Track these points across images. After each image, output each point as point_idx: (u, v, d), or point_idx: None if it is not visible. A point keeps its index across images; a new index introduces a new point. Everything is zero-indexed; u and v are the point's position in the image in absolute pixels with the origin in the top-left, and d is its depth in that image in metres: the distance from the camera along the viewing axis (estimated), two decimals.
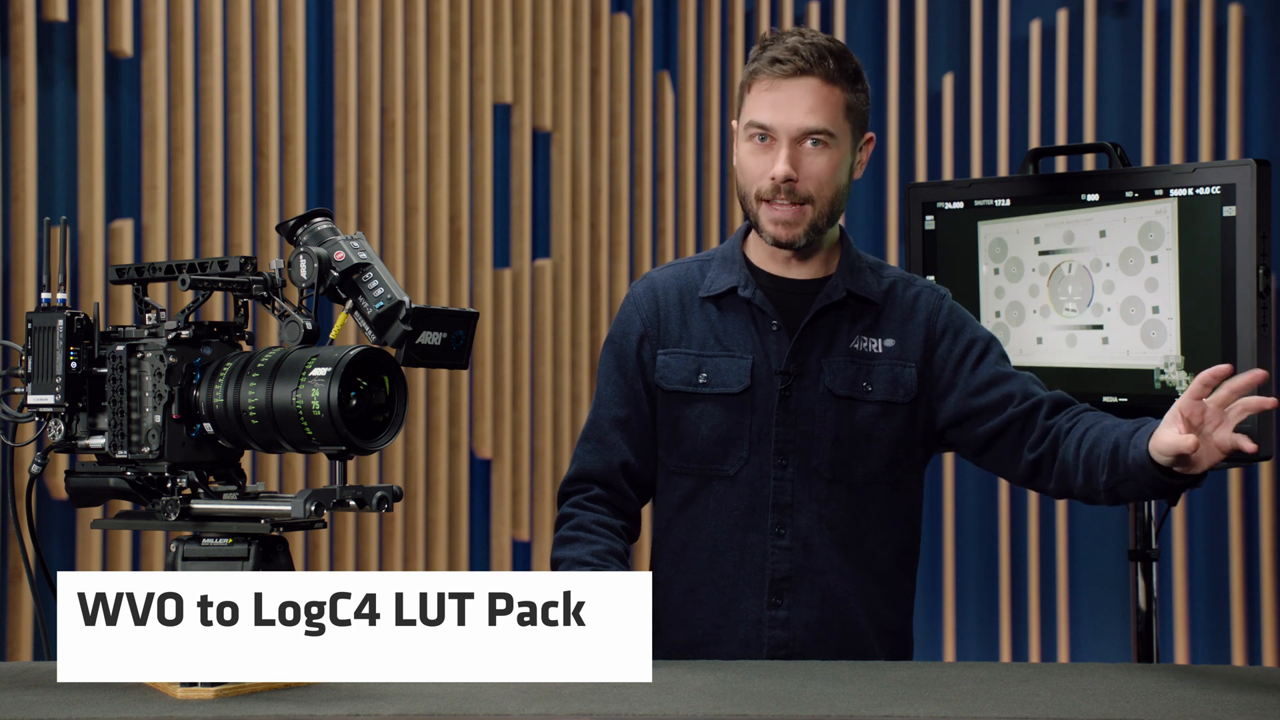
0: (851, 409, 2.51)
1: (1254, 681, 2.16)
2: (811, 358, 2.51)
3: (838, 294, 2.53)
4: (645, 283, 2.62)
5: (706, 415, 2.52)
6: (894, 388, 2.52)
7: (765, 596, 2.49)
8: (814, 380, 2.51)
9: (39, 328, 2.09)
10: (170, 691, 1.98)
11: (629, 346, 2.57)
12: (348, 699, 1.95)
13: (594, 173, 4.87)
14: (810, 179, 2.48)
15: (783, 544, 2.49)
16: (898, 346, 2.54)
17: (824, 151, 2.48)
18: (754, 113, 2.49)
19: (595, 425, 2.58)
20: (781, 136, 2.46)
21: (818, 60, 2.47)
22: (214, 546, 2.03)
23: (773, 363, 2.51)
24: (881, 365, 2.52)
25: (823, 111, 2.47)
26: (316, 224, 2.06)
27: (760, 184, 2.49)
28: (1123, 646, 4.64)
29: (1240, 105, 4.69)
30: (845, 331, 2.53)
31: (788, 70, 2.47)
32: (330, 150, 4.45)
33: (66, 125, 4.04)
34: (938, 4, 4.95)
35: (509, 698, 1.96)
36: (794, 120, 2.46)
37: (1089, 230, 2.85)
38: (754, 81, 2.50)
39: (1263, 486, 4.68)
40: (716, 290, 2.56)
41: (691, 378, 2.53)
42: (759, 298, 2.53)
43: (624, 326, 2.59)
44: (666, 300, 2.58)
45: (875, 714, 1.91)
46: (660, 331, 2.56)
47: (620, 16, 4.91)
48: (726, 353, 2.53)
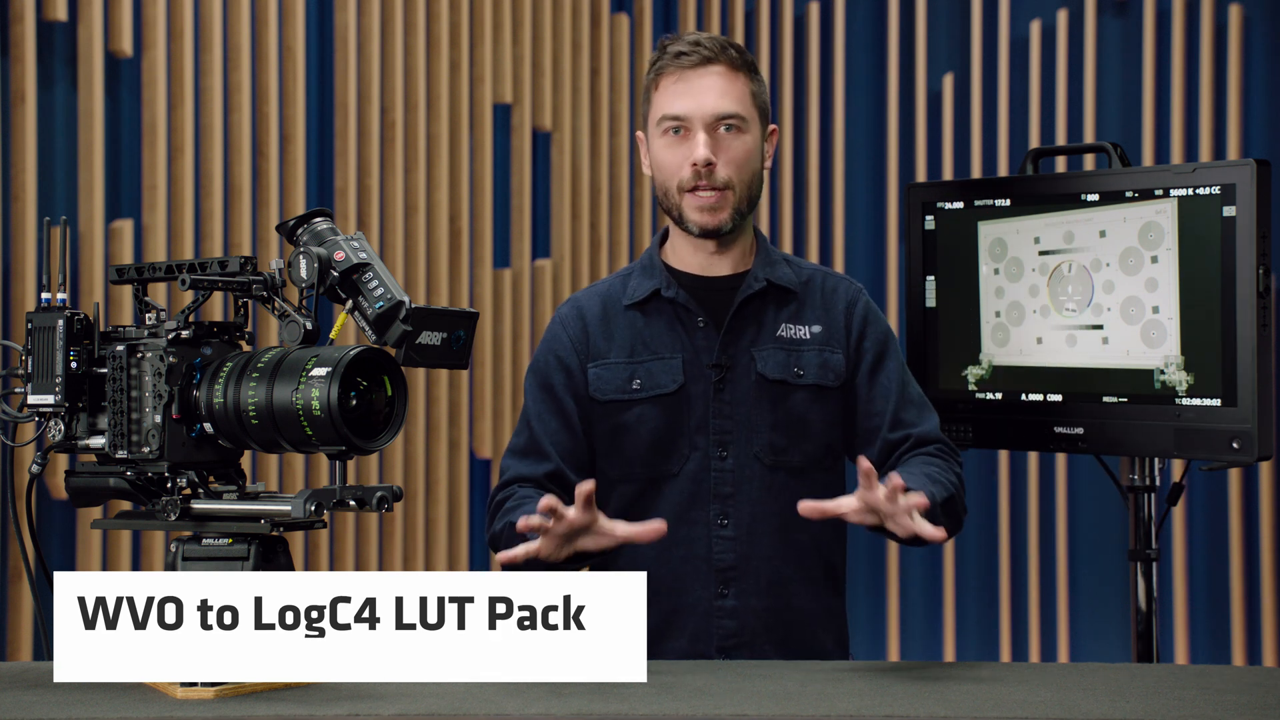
0: (785, 394, 2.54)
1: (1254, 681, 2.16)
2: (741, 347, 2.55)
3: (758, 284, 2.57)
4: (569, 304, 2.66)
5: (645, 418, 2.54)
6: (824, 372, 2.57)
7: (713, 587, 2.52)
8: (746, 370, 2.55)
9: (39, 328, 2.09)
10: (170, 691, 1.98)
11: (552, 363, 2.59)
12: (348, 699, 1.95)
13: (594, 173, 4.87)
14: (729, 164, 2.52)
15: (726, 534, 2.52)
16: (824, 333, 2.59)
17: (738, 136, 2.53)
18: (665, 106, 2.54)
19: (526, 440, 2.58)
20: (696, 124, 2.51)
21: (720, 50, 2.54)
22: (214, 546, 2.03)
23: (702, 358, 2.55)
24: (810, 350, 2.57)
25: (732, 94, 2.52)
26: (316, 224, 2.06)
27: (681, 174, 2.53)
28: (1123, 646, 4.64)
29: (1240, 105, 4.69)
30: (771, 319, 2.57)
31: (694, 60, 2.53)
32: (330, 150, 4.45)
33: (66, 125, 4.04)
34: (938, 4, 4.95)
35: (509, 698, 1.96)
36: (706, 106, 2.51)
37: (1089, 230, 2.85)
38: (660, 79, 2.56)
39: (1263, 486, 4.68)
40: (639, 296, 2.59)
41: (625, 385, 2.56)
42: (682, 296, 2.57)
43: (549, 345, 2.61)
44: (591, 315, 2.61)
45: (875, 714, 1.91)
46: (588, 347, 2.59)
47: (620, 16, 4.91)
48: (655, 355, 2.56)
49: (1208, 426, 2.70)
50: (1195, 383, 2.72)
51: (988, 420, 3.00)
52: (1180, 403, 2.74)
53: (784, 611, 2.54)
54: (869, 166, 4.98)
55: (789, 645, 2.54)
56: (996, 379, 2.99)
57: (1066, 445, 2.90)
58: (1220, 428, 2.68)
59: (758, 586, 2.53)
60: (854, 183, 4.99)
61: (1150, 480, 2.90)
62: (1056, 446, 2.91)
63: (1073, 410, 2.88)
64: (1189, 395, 2.73)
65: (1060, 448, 2.91)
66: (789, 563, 2.55)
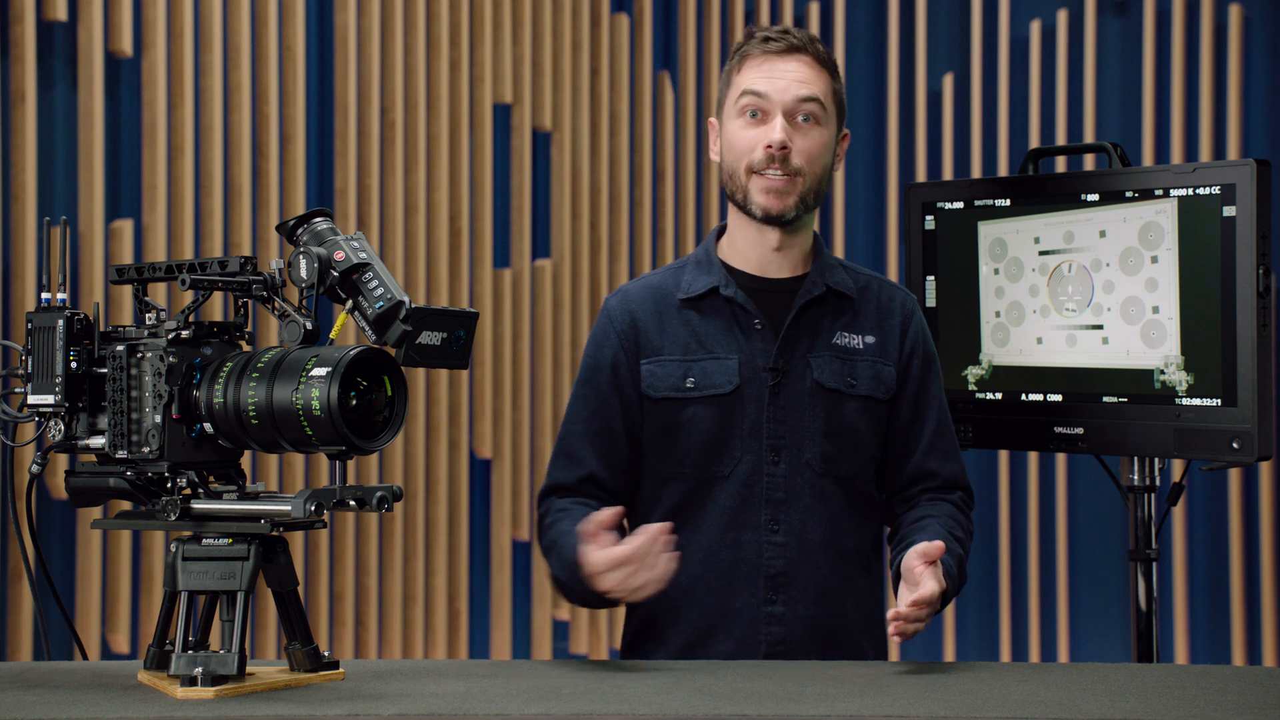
0: (838, 403, 2.53)
1: (1254, 681, 2.16)
2: (798, 353, 2.53)
3: (818, 289, 2.55)
4: (618, 296, 2.62)
5: (698, 418, 2.52)
6: (876, 384, 2.56)
7: (761, 593, 2.50)
8: (801, 375, 2.52)
9: (39, 328, 2.09)
10: (170, 691, 1.98)
11: (602, 360, 2.57)
12: (348, 699, 1.95)
13: (594, 173, 4.87)
14: (802, 152, 2.50)
15: (776, 540, 2.50)
16: (878, 344, 2.57)
17: (815, 127, 2.51)
18: (746, 83, 2.51)
19: (564, 441, 2.58)
20: (775, 107, 2.49)
21: (809, 41, 2.53)
22: (214, 546, 2.03)
23: (758, 360, 2.52)
24: (864, 361, 2.55)
25: (816, 84, 2.51)
26: (316, 224, 2.06)
27: (754, 155, 2.50)
28: (1123, 646, 4.64)
29: (1240, 105, 4.69)
30: (828, 327, 2.55)
31: (781, 46, 2.51)
32: (330, 150, 4.45)
33: (66, 125, 4.04)
34: (938, 4, 4.95)
35: (509, 698, 1.96)
36: (789, 89, 2.49)
37: (1089, 230, 2.85)
38: (744, 61, 2.53)
39: (1263, 486, 4.68)
40: (696, 292, 2.56)
41: (679, 383, 2.53)
42: (741, 296, 2.54)
43: (598, 341, 2.59)
44: (642, 310, 2.58)
45: (875, 714, 1.91)
46: (639, 343, 2.56)
47: (620, 16, 4.91)
48: (710, 354, 2.53)
49: (1208, 426, 2.70)
50: (1195, 383, 2.72)
51: (988, 420, 3.00)
52: (1180, 403, 2.74)
53: (831, 619, 2.52)
54: (869, 166, 4.98)
55: (833, 654, 2.51)
56: (996, 379, 2.99)
57: (1066, 445, 2.90)
58: (1220, 428, 2.68)
59: (807, 595, 2.51)
60: (854, 183, 4.98)
61: (1150, 480, 2.90)
62: (1056, 446, 2.91)
63: (1073, 410, 2.88)
64: (1189, 395, 2.73)
65: (1060, 448, 2.91)
66: (837, 572, 2.53)
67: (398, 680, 2.08)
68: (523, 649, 4.71)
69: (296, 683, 2.04)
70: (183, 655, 1.99)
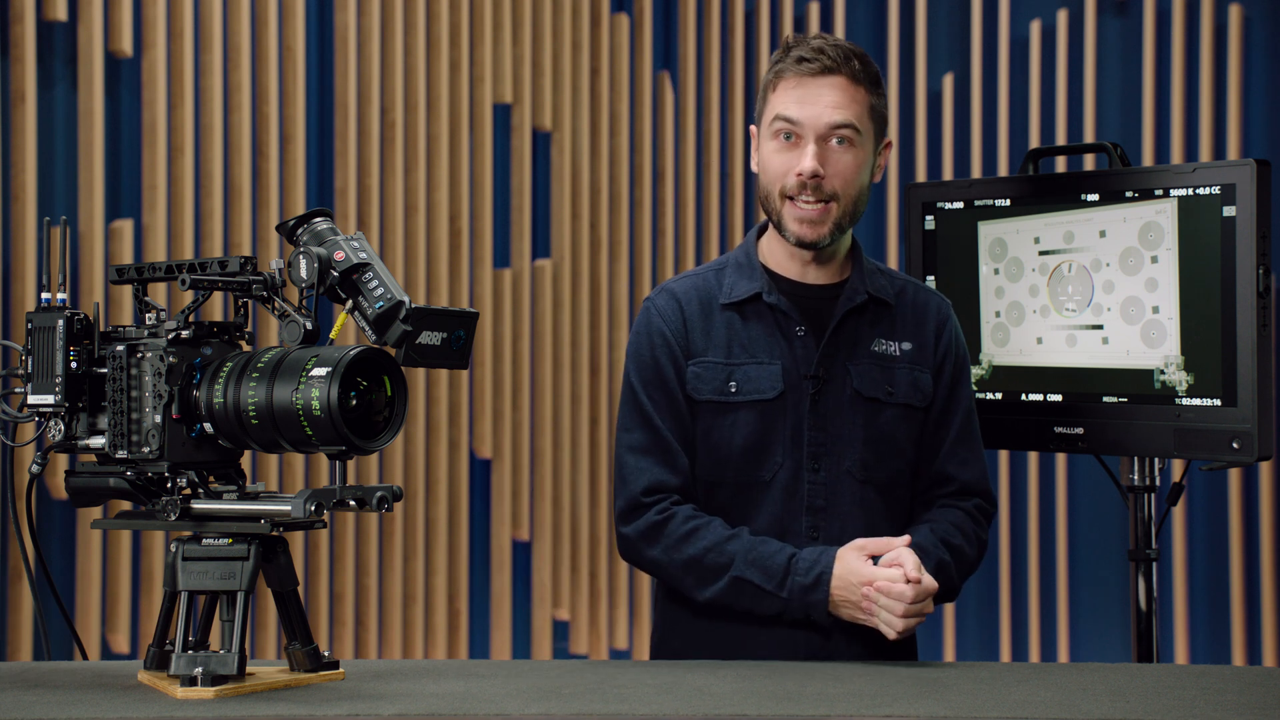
0: (877, 411, 2.52)
1: (1254, 681, 2.16)
2: (838, 361, 2.52)
3: (860, 297, 2.53)
4: (665, 295, 2.58)
5: (740, 423, 2.50)
6: (914, 392, 2.55)
7: None
8: (841, 383, 2.51)
9: (39, 328, 2.09)
10: (170, 691, 1.98)
11: (661, 359, 2.53)
12: (348, 699, 1.95)
13: (594, 173, 4.87)
14: (835, 176, 2.47)
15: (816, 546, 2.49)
16: (915, 350, 2.56)
17: (849, 150, 2.48)
18: (780, 107, 2.48)
19: (649, 438, 2.52)
20: (808, 133, 2.46)
21: (844, 60, 2.48)
22: (214, 546, 2.03)
23: (800, 367, 2.51)
24: (902, 368, 2.55)
25: (850, 109, 2.48)
26: (316, 224, 2.06)
27: (785, 181, 2.48)
28: (1123, 646, 4.64)
29: (1240, 105, 4.69)
30: (866, 334, 2.54)
31: (814, 68, 2.47)
32: (330, 150, 4.45)
33: (66, 125, 4.04)
34: (938, 4, 4.95)
35: (509, 698, 1.96)
36: (821, 115, 2.46)
37: (1089, 230, 2.85)
38: (779, 81, 2.50)
39: (1263, 486, 4.68)
40: (738, 296, 2.54)
41: (722, 386, 2.51)
42: (784, 304, 2.53)
43: (652, 337, 2.55)
44: (690, 310, 2.55)
45: (875, 714, 1.91)
46: (688, 343, 2.54)
47: (620, 16, 4.91)
48: (754, 359, 2.52)
49: (1208, 426, 2.70)
50: (1195, 383, 2.72)
51: (988, 420, 2.99)
52: (1180, 403, 2.74)
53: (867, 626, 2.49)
54: None
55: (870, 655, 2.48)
56: (996, 379, 2.99)
57: (1066, 445, 2.90)
58: (1220, 428, 2.68)
59: None
60: None
61: (1150, 480, 2.90)
62: (1056, 446, 2.91)
63: (1073, 410, 2.88)
64: (1189, 395, 2.73)
65: (1060, 448, 2.91)
66: None
67: (398, 680, 2.08)
68: (523, 649, 4.71)
69: (296, 683, 2.04)
70: (183, 655, 1.99)
